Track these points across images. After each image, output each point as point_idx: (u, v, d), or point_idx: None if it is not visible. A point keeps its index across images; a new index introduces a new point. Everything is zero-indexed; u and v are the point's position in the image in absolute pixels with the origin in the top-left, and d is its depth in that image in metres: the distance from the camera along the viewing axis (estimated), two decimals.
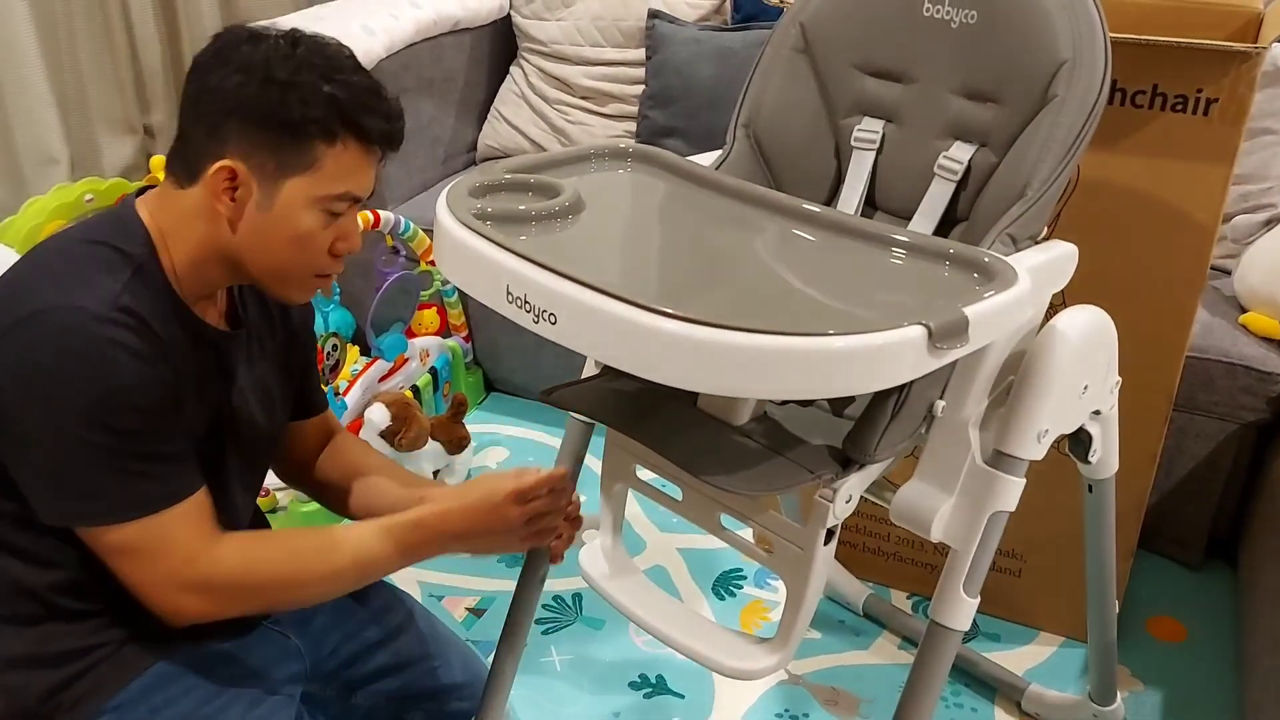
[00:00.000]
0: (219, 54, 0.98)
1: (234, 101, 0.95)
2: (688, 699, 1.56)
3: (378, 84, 1.02)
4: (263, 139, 0.96)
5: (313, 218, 0.99)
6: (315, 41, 0.99)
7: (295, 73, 0.95)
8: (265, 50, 0.97)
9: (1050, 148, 0.98)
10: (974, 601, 0.98)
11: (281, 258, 1.00)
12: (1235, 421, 1.69)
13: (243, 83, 0.95)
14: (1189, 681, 1.61)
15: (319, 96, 0.95)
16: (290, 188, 0.97)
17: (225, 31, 1.01)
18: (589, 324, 0.80)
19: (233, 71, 0.96)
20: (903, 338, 0.77)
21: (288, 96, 0.95)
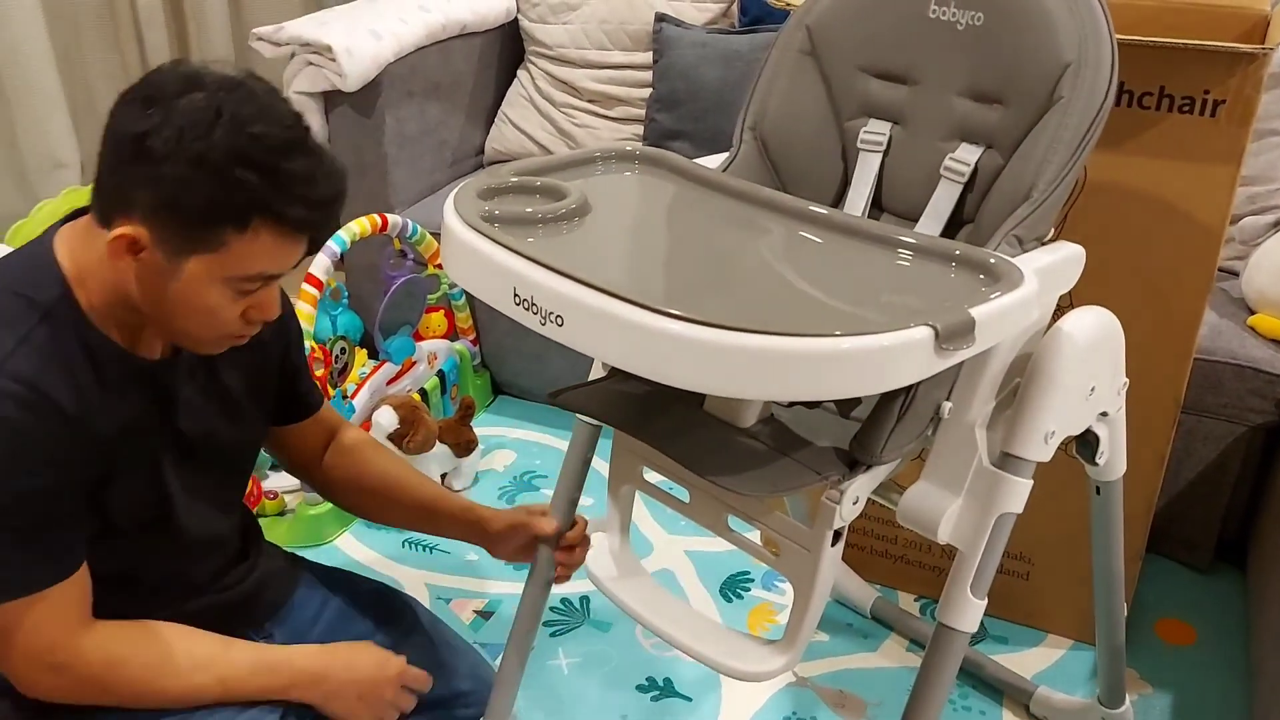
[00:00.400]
0: (144, 102, 0.89)
1: (143, 173, 0.88)
2: (695, 701, 1.56)
3: (312, 164, 0.91)
4: (169, 217, 0.89)
5: (220, 293, 0.93)
6: (246, 110, 0.88)
7: (209, 150, 0.87)
8: (186, 116, 0.87)
9: (1056, 149, 0.98)
10: (981, 603, 0.98)
11: (187, 325, 0.96)
12: (1244, 424, 1.69)
13: (155, 155, 0.87)
14: (1198, 685, 1.60)
15: (231, 183, 0.87)
16: (195, 264, 0.91)
17: (154, 75, 0.91)
18: (596, 326, 0.80)
19: (149, 135, 0.87)
20: (909, 339, 0.77)
21: (198, 180, 0.87)
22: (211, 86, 0.89)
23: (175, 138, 0.87)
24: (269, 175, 0.88)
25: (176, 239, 0.90)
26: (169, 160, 0.87)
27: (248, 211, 0.89)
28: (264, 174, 0.88)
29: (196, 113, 0.87)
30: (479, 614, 1.73)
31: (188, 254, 0.91)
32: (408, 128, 2.22)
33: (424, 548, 1.88)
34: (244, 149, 0.87)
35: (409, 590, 1.74)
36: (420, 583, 1.79)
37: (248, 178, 0.88)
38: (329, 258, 1.84)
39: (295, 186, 0.90)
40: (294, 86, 2.13)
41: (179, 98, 0.88)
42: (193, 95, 0.88)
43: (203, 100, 0.88)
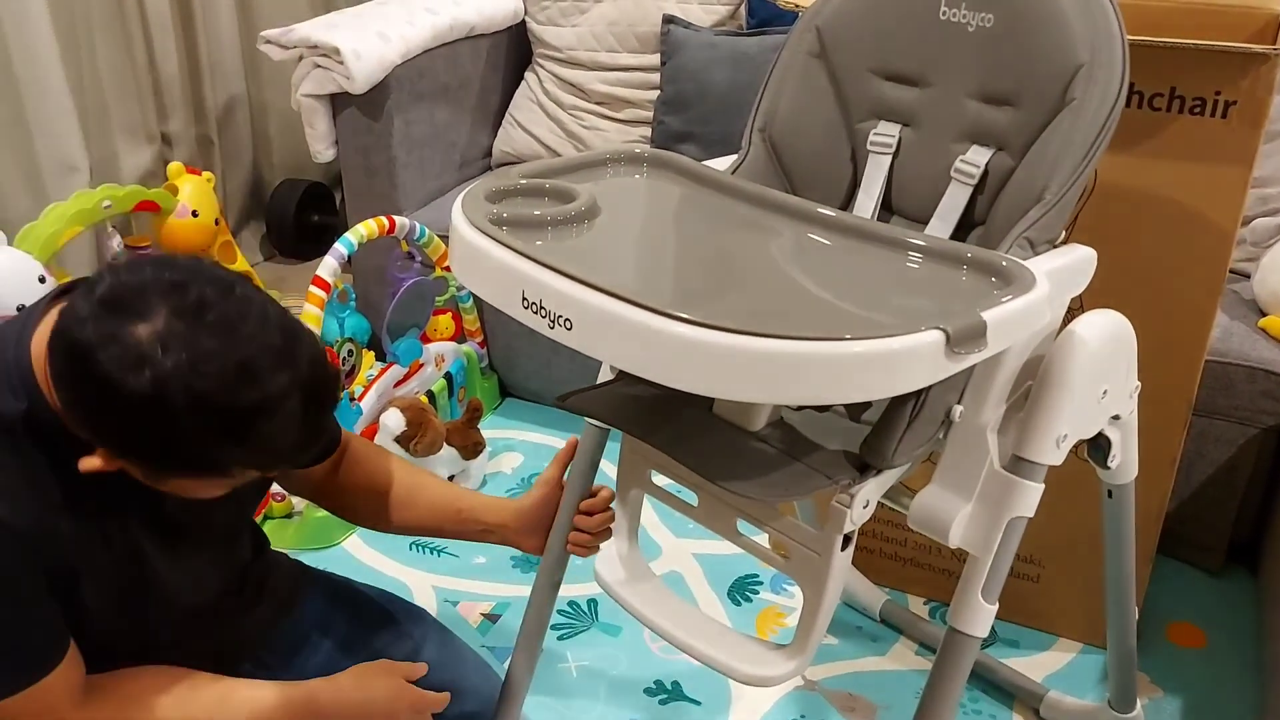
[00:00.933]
0: (103, 340, 0.79)
1: (113, 433, 0.83)
2: (704, 705, 1.55)
3: (289, 416, 0.83)
4: (142, 463, 0.86)
5: (208, 491, 0.91)
6: (212, 362, 0.80)
7: (188, 422, 0.80)
8: (159, 371, 0.79)
9: (1068, 151, 0.98)
10: (993, 608, 0.98)
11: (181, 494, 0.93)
12: (1255, 426, 1.68)
13: (122, 413, 0.80)
14: (1209, 688, 1.59)
15: (209, 453, 0.83)
16: (176, 483, 0.89)
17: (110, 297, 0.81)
18: (605, 329, 0.80)
19: (113, 386, 0.79)
20: (920, 342, 0.76)
21: (171, 446, 0.82)
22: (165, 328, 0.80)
23: (149, 395, 0.79)
24: (240, 445, 0.83)
25: (151, 471, 0.87)
26: (139, 426, 0.81)
27: (229, 469, 0.87)
28: (236, 444, 0.83)
29: (170, 370, 0.79)
30: (486, 617, 1.73)
31: (168, 478, 0.88)
32: (415, 130, 2.22)
33: (431, 550, 1.88)
34: (226, 417, 0.81)
35: (416, 593, 1.75)
36: (428, 586, 1.79)
37: (222, 452, 0.84)
38: (336, 260, 1.84)
39: (270, 445, 0.84)
40: (302, 89, 2.13)
41: (136, 341, 0.79)
42: (154, 346, 0.79)
43: (153, 353, 0.79)
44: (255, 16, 2.77)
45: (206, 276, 0.83)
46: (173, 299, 0.81)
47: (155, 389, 0.79)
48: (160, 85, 2.57)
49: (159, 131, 2.60)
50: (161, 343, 0.79)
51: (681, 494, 1.10)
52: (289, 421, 0.84)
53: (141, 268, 0.83)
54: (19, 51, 2.21)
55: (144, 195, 2.12)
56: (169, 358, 0.79)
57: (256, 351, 0.81)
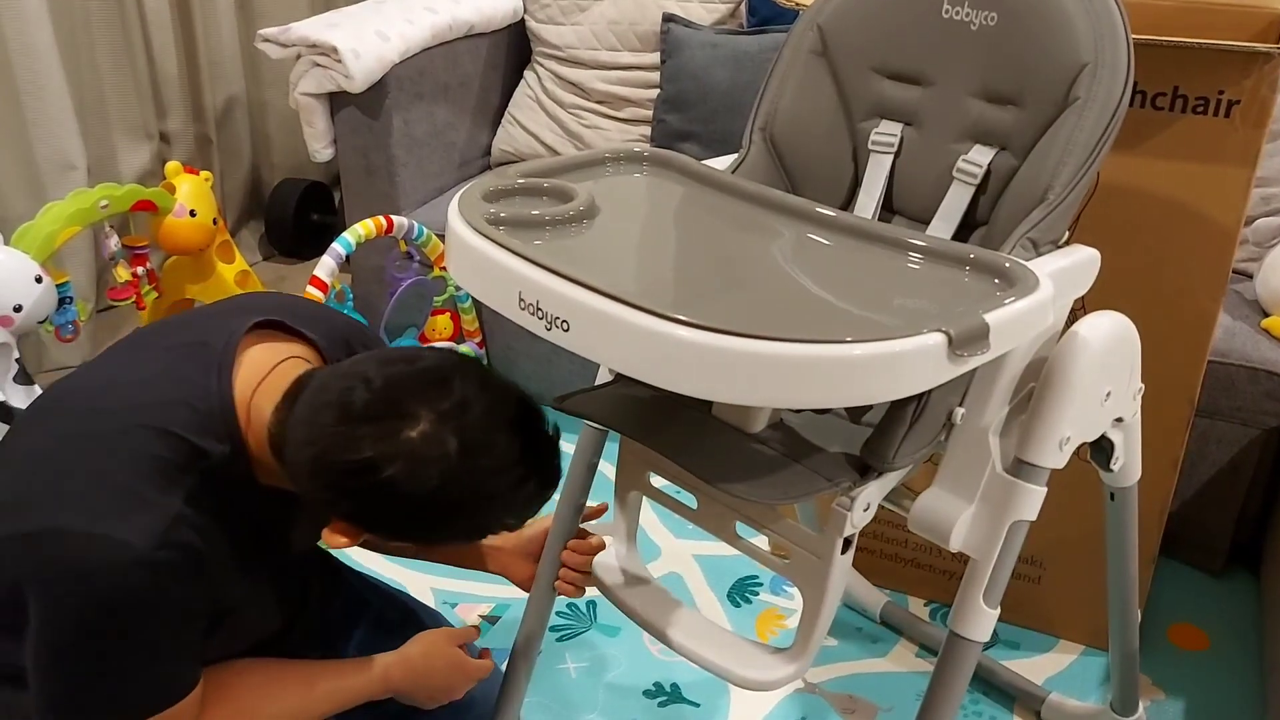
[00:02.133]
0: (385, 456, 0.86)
1: (390, 523, 0.92)
2: (703, 707, 1.55)
3: (543, 479, 0.94)
4: (406, 536, 0.97)
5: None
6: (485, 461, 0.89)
7: (462, 513, 0.91)
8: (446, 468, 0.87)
9: (1072, 151, 0.97)
10: (994, 612, 0.97)
11: None
12: (1258, 427, 1.67)
13: (407, 510, 0.89)
14: (1211, 690, 1.59)
15: (480, 524, 0.95)
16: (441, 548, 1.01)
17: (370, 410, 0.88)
18: (602, 331, 0.79)
19: (403, 493, 0.87)
20: (923, 345, 0.75)
21: (446, 526, 0.92)
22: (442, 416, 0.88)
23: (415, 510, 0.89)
24: (510, 513, 0.95)
25: (422, 544, 0.99)
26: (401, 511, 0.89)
27: (493, 530, 0.97)
28: (510, 515, 0.95)
29: (431, 489, 0.87)
30: (485, 618, 1.72)
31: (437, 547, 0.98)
32: (415, 129, 2.21)
33: None
34: (484, 510, 0.92)
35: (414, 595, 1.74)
36: (426, 587, 1.78)
37: (497, 517, 0.94)
38: (334, 260, 1.83)
39: (531, 506, 0.96)
40: (300, 88, 2.12)
41: (409, 457, 0.86)
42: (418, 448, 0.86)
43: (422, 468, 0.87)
44: (254, 15, 2.76)
45: (457, 365, 0.92)
46: (433, 397, 0.88)
47: (442, 484, 0.87)
48: (158, 84, 2.56)
49: (157, 130, 2.59)
50: (437, 441, 0.87)
51: (680, 496, 1.09)
52: (539, 487, 0.95)
53: (390, 363, 0.90)
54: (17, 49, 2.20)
55: (142, 194, 2.11)
56: (451, 458, 0.87)
57: (515, 438, 0.91)
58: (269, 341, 0.98)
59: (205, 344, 0.96)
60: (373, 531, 0.93)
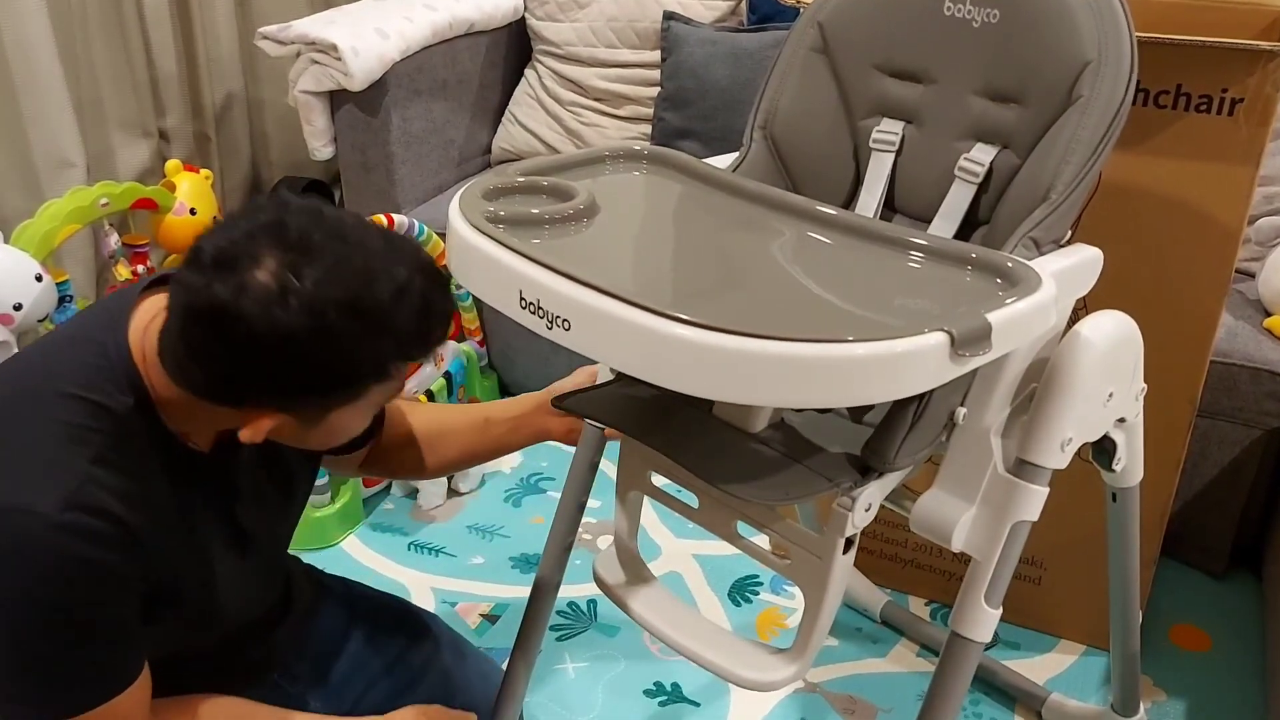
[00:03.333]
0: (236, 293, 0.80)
1: (263, 371, 0.82)
2: (703, 707, 1.54)
3: (419, 297, 0.86)
4: (310, 397, 0.87)
5: (363, 418, 0.93)
6: (335, 279, 0.82)
7: (337, 341, 0.82)
8: (286, 319, 0.80)
9: (1075, 149, 0.96)
10: (996, 613, 0.96)
11: (322, 446, 0.95)
12: (1259, 427, 1.66)
13: (269, 355, 0.81)
14: (1213, 691, 1.58)
15: (373, 353, 0.85)
16: (338, 414, 0.89)
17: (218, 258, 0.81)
18: (603, 330, 0.79)
19: (264, 329, 0.80)
20: (924, 345, 0.75)
21: (330, 365, 0.84)
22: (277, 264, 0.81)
23: (279, 346, 0.81)
24: (391, 338, 0.85)
25: (316, 409, 0.88)
26: (284, 367, 0.82)
27: (389, 365, 0.87)
28: (388, 339, 0.85)
29: (290, 317, 0.80)
30: (485, 618, 1.71)
31: (330, 411, 0.89)
32: (414, 127, 2.21)
33: (430, 551, 1.87)
34: (375, 317, 0.83)
35: (414, 594, 1.74)
36: (426, 587, 1.78)
37: (388, 346, 0.86)
38: None
39: (424, 325, 0.87)
40: (299, 86, 2.12)
41: (257, 290, 0.80)
42: (262, 269, 0.80)
43: (281, 296, 0.80)
44: (253, 13, 2.75)
45: (294, 209, 0.85)
46: (275, 237, 0.82)
47: (307, 314, 0.80)
48: (157, 81, 2.55)
49: (156, 128, 2.58)
50: (292, 273, 0.80)
51: (681, 495, 1.09)
52: (423, 299, 0.86)
53: (230, 223, 0.84)
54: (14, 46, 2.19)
55: (141, 193, 2.10)
56: (305, 282, 0.80)
57: (369, 252, 0.84)
58: (166, 291, 0.90)
59: (105, 308, 0.93)
60: (267, 399, 0.85)
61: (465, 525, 1.93)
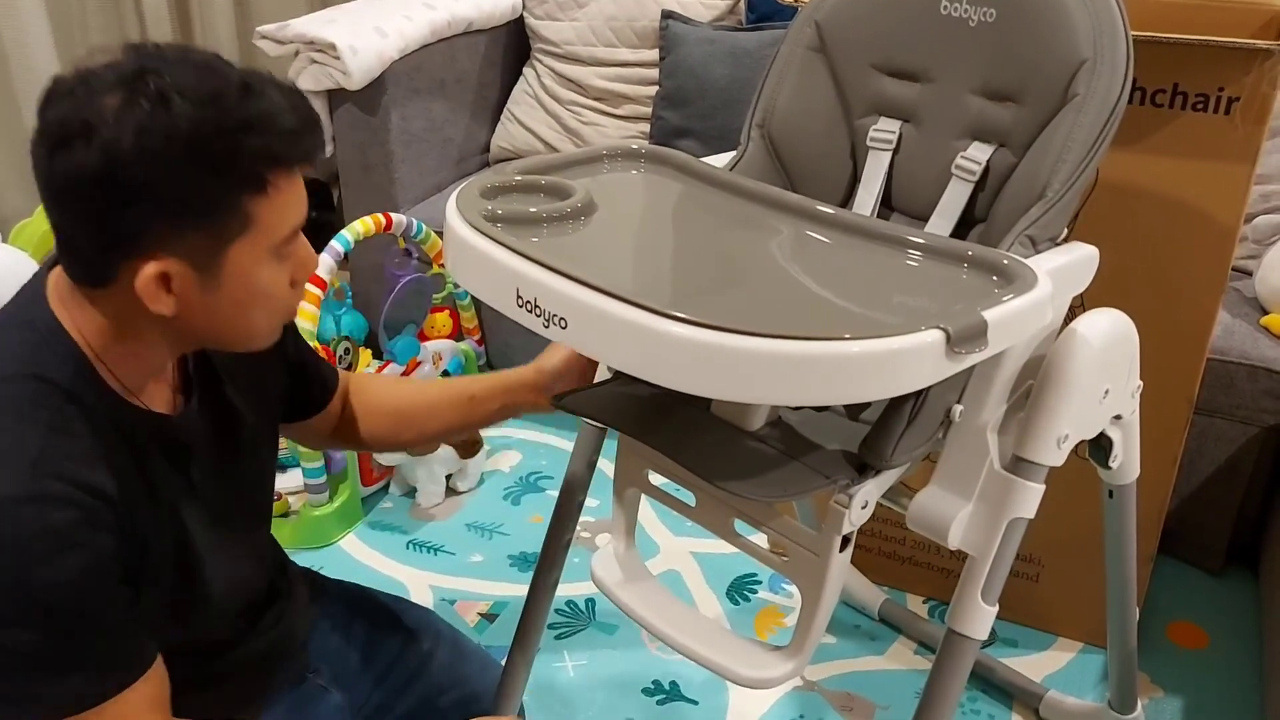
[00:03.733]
0: (75, 130, 0.77)
1: (132, 194, 0.78)
2: (701, 705, 1.55)
3: (274, 95, 0.82)
4: (185, 222, 0.80)
5: (268, 270, 0.86)
6: (184, 78, 0.79)
7: (194, 133, 0.78)
8: (139, 118, 0.77)
9: (1071, 148, 0.97)
10: (992, 610, 0.97)
11: (245, 323, 0.88)
12: (1256, 425, 1.67)
13: (133, 169, 0.77)
14: (1210, 689, 1.58)
15: (230, 153, 0.79)
16: (235, 255, 0.83)
17: (63, 101, 0.79)
18: (600, 329, 0.79)
19: (109, 156, 0.76)
20: (920, 342, 0.75)
21: (195, 168, 0.78)
22: (130, 84, 0.78)
23: (144, 139, 0.76)
24: (257, 125, 0.80)
25: (205, 242, 0.81)
26: (154, 165, 0.77)
27: (259, 171, 0.81)
28: (252, 128, 0.80)
29: (148, 111, 0.77)
30: (483, 616, 1.72)
31: (224, 249, 0.82)
32: (413, 125, 2.21)
33: (429, 549, 1.87)
34: (217, 115, 0.78)
35: (413, 592, 1.74)
36: (424, 585, 1.78)
37: (244, 140, 0.79)
38: (333, 258, 1.83)
39: (280, 122, 0.81)
40: (299, 85, 2.12)
41: (118, 113, 0.77)
42: (128, 104, 0.77)
43: (135, 93, 0.77)
44: (251, 12, 2.75)
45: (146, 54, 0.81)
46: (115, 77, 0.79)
47: (158, 104, 0.77)
48: None
49: None
50: (135, 85, 0.78)
51: (679, 494, 1.09)
52: (276, 95, 0.82)
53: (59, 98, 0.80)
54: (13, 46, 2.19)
55: None
56: (149, 82, 0.78)
57: (212, 59, 0.82)
58: None
59: (19, 296, 0.90)
60: (144, 234, 0.80)
61: (464, 524, 1.93)
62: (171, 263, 0.80)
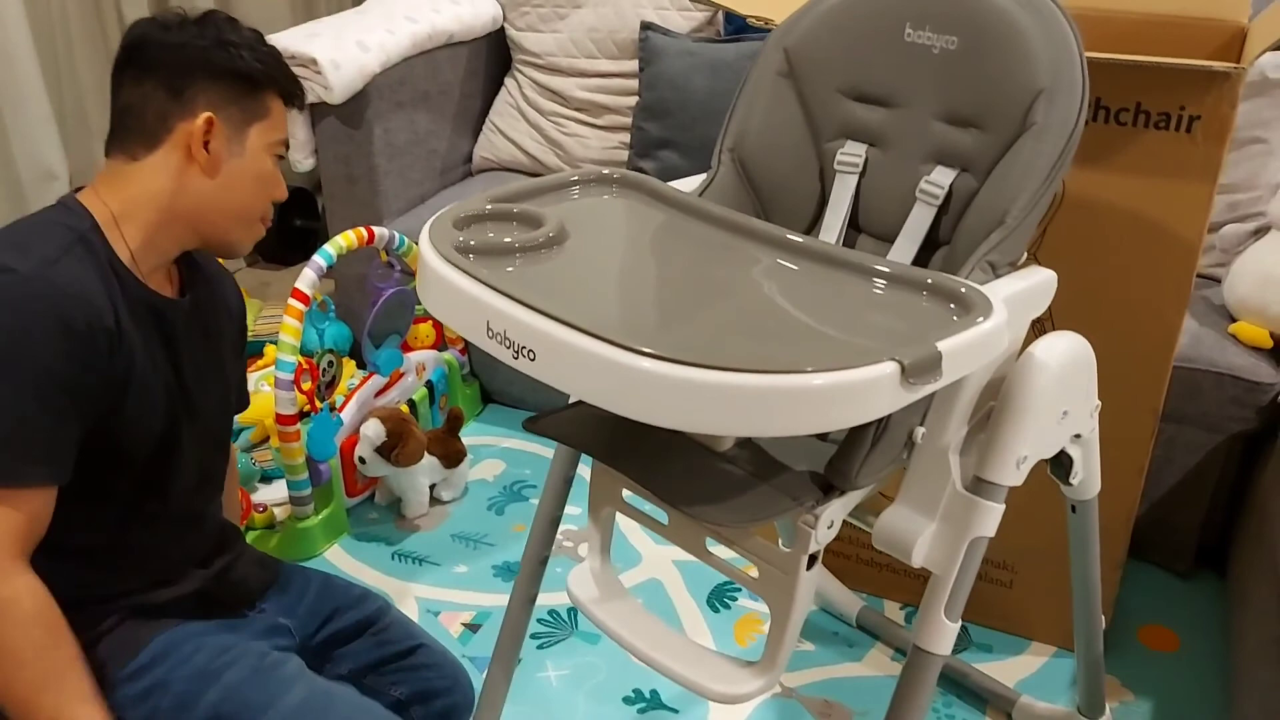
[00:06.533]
0: (162, 28, 1.09)
1: (200, 64, 1.08)
2: (681, 713, 1.57)
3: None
4: (229, 92, 1.09)
5: (269, 161, 1.13)
6: (231, 19, 1.14)
7: (242, 37, 1.11)
8: (211, 24, 1.10)
9: (1030, 175, 0.99)
10: (955, 625, 0.99)
11: (246, 197, 1.12)
12: (1223, 432, 1.70)
13: (203, 46, 1.08)
14: (1179, 691, 1.62)
15: (263, 55, 1.12)
16: (254, 134, 1.11)
17: (146, 21, 1.11)
18: (567, 361, 0.81)
19: (187, 39, 1.08)
20: (877, 374, 0.78)
21: (244, 54, 1.10)
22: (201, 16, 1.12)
23: (214, 32, 1.10)
24: (274, 54, 1.14)
25: (238, 113, 1.10)
26: (218, 47, 1.09)
27: (276, 76, 1.13)
28: (271, 54, 1.14)
29: (215, 23, 1.11)
30: (467, 627, 1.74)
31: (248, 124, 1.10)
32: (396, 138, 2.23)
33: (413, 560, 1.89)
34: (253, 36, 1.13)
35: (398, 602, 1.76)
36: (409, 595, 1.80)
37: (270, 51, 1.13)
38: (315, 272, 1.85)
39: (286, 63, 1.16)
40: None
41: (192, 23, 1.10)
42: (199, 20, 1.11)
43: (206, 19, 1.11)
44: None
45: None
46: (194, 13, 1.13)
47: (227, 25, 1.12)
48: None
49: None
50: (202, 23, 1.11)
51: (655, 513, 1.11)
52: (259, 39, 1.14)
53: None
54: None
55: None
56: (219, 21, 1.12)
57: None
58: None
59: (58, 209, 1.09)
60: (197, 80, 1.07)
61: (450, 534, 1.96)
62: (216, 118, 1.08)
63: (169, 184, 1.08)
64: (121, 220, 1.07)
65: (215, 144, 1.09)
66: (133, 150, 1.08)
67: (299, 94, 1.18)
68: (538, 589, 1.30)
